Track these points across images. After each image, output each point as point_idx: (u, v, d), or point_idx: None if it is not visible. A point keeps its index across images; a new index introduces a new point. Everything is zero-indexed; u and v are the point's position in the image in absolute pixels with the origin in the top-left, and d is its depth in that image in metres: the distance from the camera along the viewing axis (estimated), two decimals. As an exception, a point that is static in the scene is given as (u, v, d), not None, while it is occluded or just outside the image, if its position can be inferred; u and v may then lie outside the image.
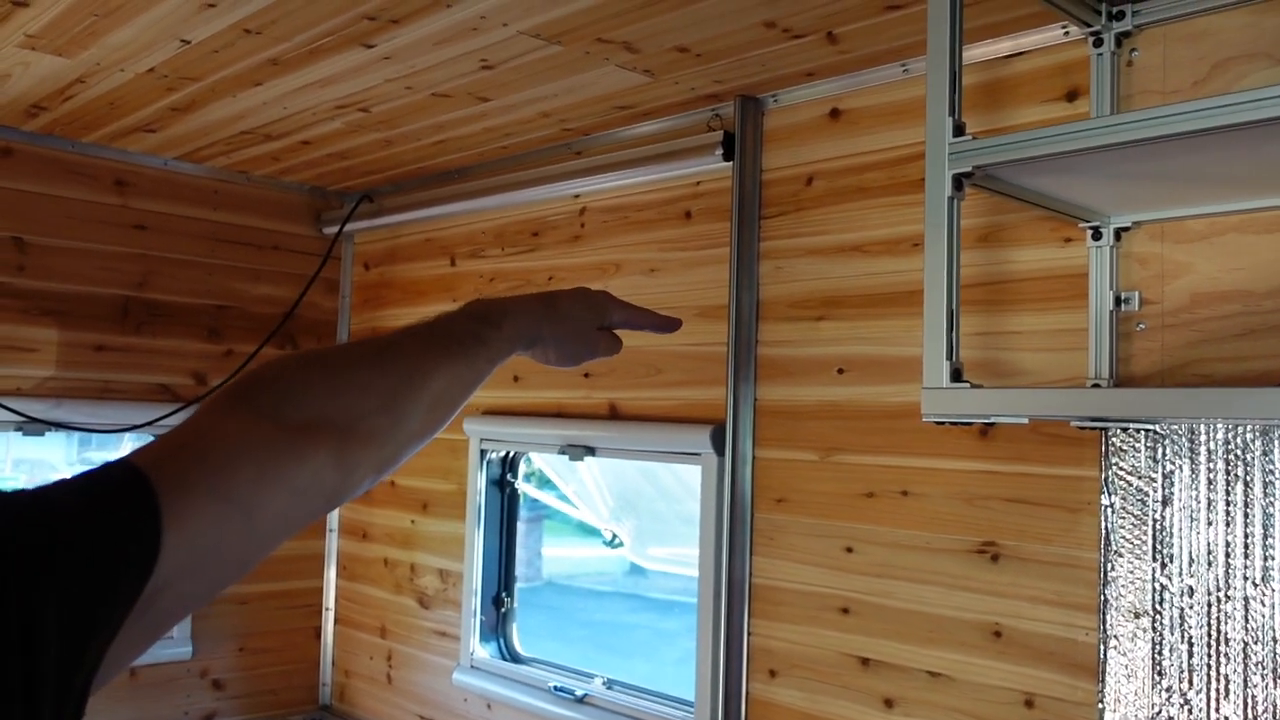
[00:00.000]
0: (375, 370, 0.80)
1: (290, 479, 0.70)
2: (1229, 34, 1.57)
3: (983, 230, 1.83)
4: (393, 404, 0.79)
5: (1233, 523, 1.56)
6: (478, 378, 0.88)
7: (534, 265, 2.73)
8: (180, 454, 0.66)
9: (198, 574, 0.63)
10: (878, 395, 1.98)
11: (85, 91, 2.36)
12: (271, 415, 0.72)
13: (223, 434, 0.69)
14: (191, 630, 3.05)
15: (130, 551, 0.58)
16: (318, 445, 0.73)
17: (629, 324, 1.04)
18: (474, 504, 2.81)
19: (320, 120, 2.48)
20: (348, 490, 0.77)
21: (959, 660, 1.83)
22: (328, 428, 0.74)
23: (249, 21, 1.88)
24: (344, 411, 0.76)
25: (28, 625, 0.52)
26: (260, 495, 0.68)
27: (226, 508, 0.65)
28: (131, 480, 0.61)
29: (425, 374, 0.83)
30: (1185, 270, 1.62)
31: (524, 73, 2.08)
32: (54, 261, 2.83)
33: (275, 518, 0.70)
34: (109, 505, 0.59)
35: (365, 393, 0.78)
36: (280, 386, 0.75)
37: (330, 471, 0.73)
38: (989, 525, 1.81)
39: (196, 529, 0.62)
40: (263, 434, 0.70)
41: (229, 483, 0.66)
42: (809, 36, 1.84)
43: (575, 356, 1.00)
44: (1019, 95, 1.81)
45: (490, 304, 0.93)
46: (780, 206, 2.16)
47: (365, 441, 0.76)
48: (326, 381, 0.78)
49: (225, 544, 0.66)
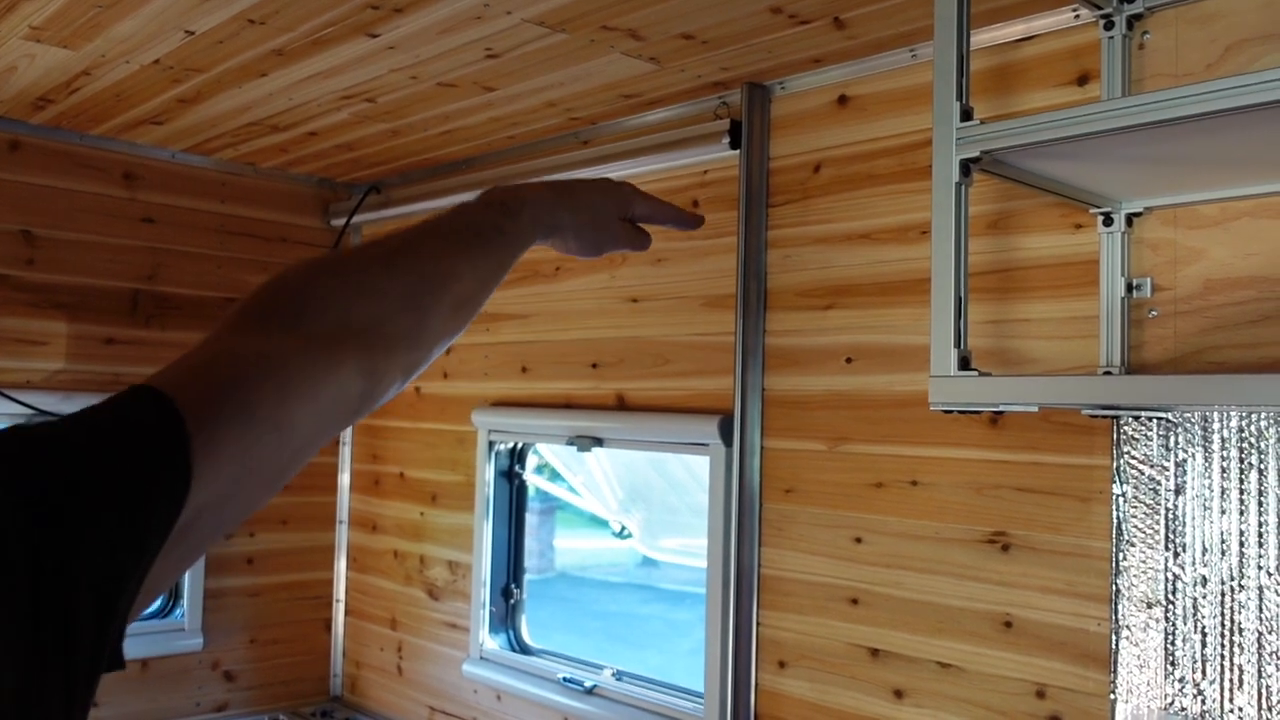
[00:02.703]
0: (393, 273, 0.77)
1: (317, 391, 0.68)
2: (1242, 15, 1.55)
3: (992, 217, 1.81)
4: (414, 306, 0.76)
5: (1246, 511, 1.54)
6: (500, 271, 0.85)
7: (541, 256, 2.71)
8: (203, 375, 0.64)
9: (232, 495, 0.62)
10: (886, 384, 1.96)
11: (91, 84, 2.35)
12: (292, 327, 0.69)
13: (244, 351, 0.67)
14: (203, 622, 3.06)
15: (162, 480, 0.56)
16: (342, 354, 0.70)
17: (652, 216, 1.00)
18: (482, 495, 2.81)
19: (326, 111, 2.48)
20: (377, 396, 0.74)
21: (969, 651, 1.82)
22: (350, 335, 0.71)
23: (252, 11, 1.87)
24: (365, 317, 0.73)
25: (61, 563, 0.50)
26: (288, 410, 0.66)
27: (256, 427, 0.63)
28: (156, 406, 0.58)
29: (446, 273, 0.79)
30: (1198, 256, 1.59)
31: (529, 61, 2.07)
32: (63, 254, 2.83)
33: (306, 430, 0.67)
34: (136, 434, 0.57)
35: (385, 297, 0.75)
36: (298, 297, 0.72)
37: (357, 379, 0.71)
38: (999, 515, 1.80)
39: (227, 451, 0.60)
40: (285, 347, 0.68)
41: (256, 401, 0.64)
42: (816, 22, 1.82)
43: (597, 246, 0.97)
44: (1029, 80, 1.79)
45: (507, 192, 0.89)
46: (788, 195, 2.14)
47: (390, 346, 0.74)
48: (344, 288, 0.75)
49: (258, 462, 0.63)
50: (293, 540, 3.27)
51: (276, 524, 3.23)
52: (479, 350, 2.90)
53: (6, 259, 2.74)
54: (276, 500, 3.20)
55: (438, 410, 3.04)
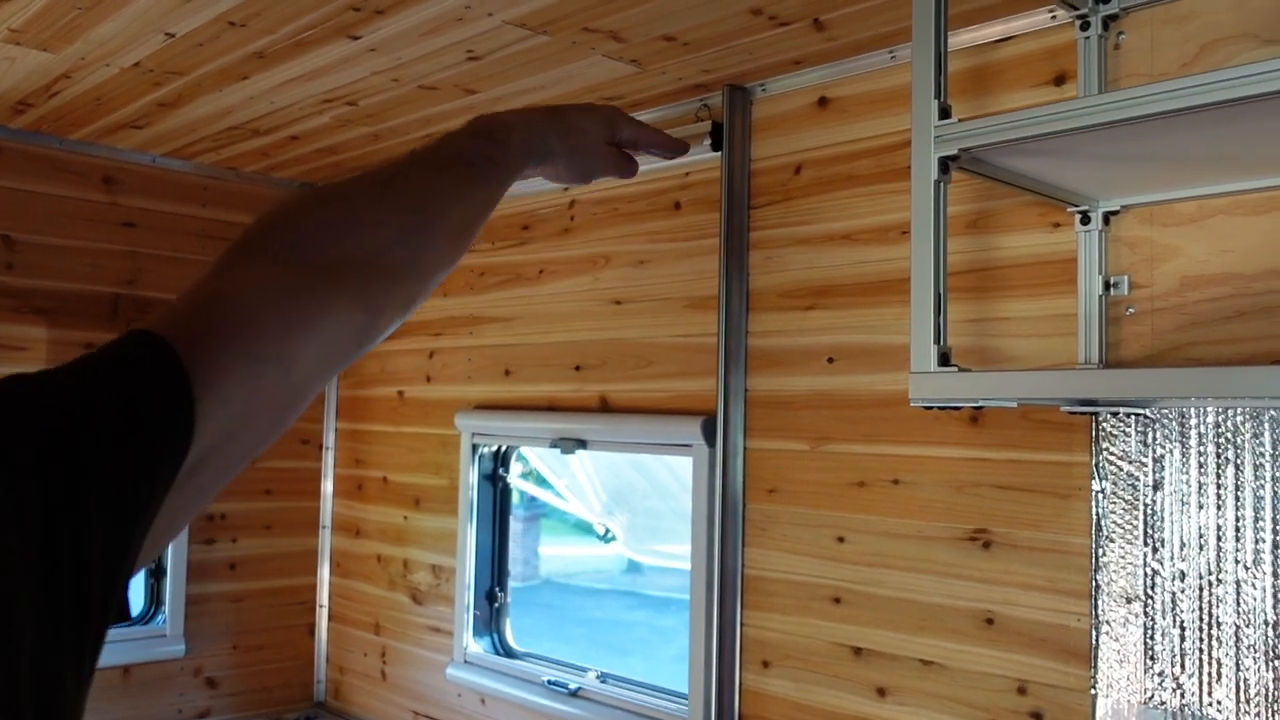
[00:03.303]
0: (386, 204, 0.76)
1: (318, 325, 0.67)
2: (1216, 15, 1.57)
3: (972, 216, 1.83)
4: (409, 237, 0.76)
5: (1224, 506, 1.55)
6: (492, 199, 0.85)
7: (524, 259, 2.73)
8: (201, 314, 0.63)
9: (238, 434, 0.61)
10: (868, 384, 1.97)
11: (71, 87, 2.34)
12: (288, 261, 0.68)
13: (241, 288, 0.66)
14: (185, 628, 3.04)
15: (166, 422, 0.55)
16: (341, 287, 0.70)
17: (638, 141, 0.99)
18: (466, 499, 2.80)
19: (308, 115, 2.47)
20: (379, 329, 0.74)
21: (951, 648, 1.83)
22: (347, 268, 0.71)
23: (233, 14, 1.87)
24: (361, 249, 0.73)
25: (69, 510, 0.50)
26: (290, 346, 0.65)
27: (258, 365, 0.62)
28: (155, 350, 0.57)
29: (439, 204, 0.79)
30: (1174, 253, 1.61)
31: (511, 64, 2.07)
32: (43, 259, 2.81)
33: (308, 365, 0.66)
34: (137, 377, 0.56)
35: (379, 228, 0.74)
36: (292, 231, 0.72)
37: (358, 313, 0.71)
38: (980, 512, 1.81)
39: (230, 389, 0.60)
40: (282, 282, 0.67)
41: (256, 338, 0.63)
42: (796, 24, 1.83)
43: (586, 172, 0.96)
44: (1007, 80, 1.81)
45: (495, 119, 0.88)
46: (769, 196, 2.15)
47: (388, 277, 0.74)
48: (340, 221, 0.74)
49: (261, 399, 0.63)
50: (276, 545, 3.26)
51: (260, 529, 3.22)
52: (462, 353, 2.89)
53: (-14, 264, 2.73)
54: (259, 505, 3.21)
55: (421, 414, 3.03)
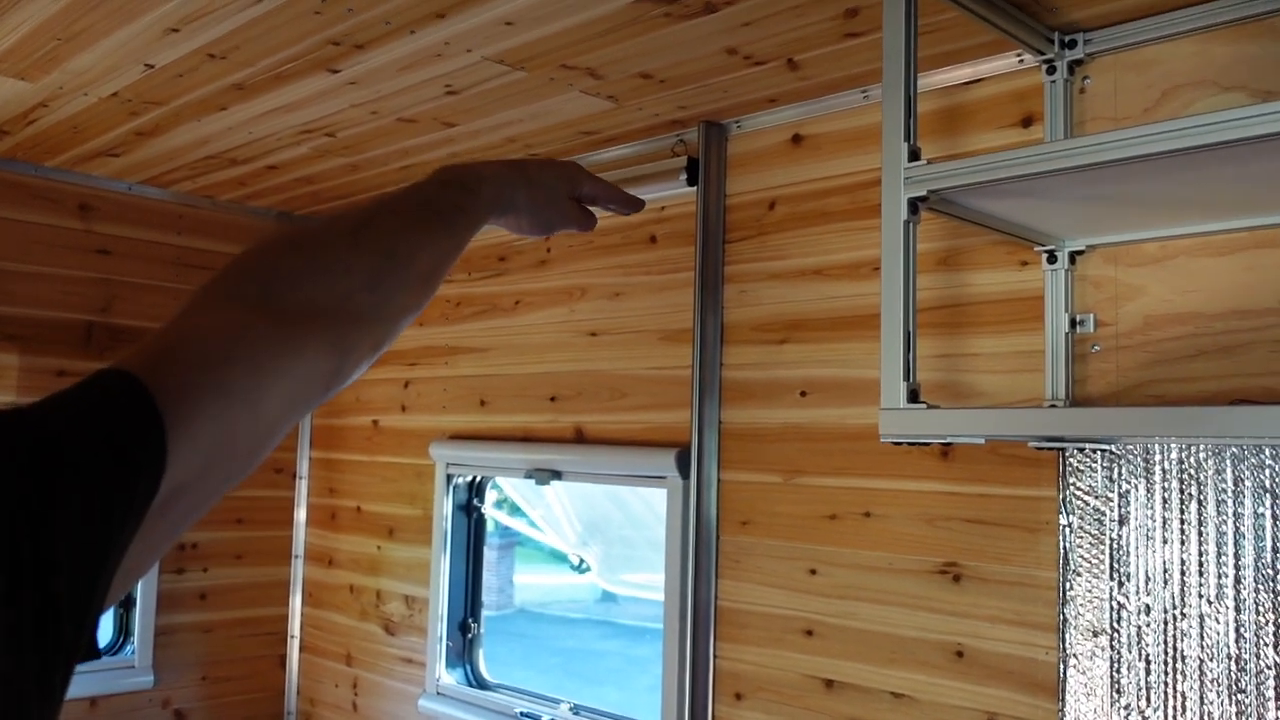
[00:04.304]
0: (357, 250, 0.78)
1: (287, 367, 0.69)
2: (1177, 62, 1.61)
3: (943, 254, 1.86)
4: (378, 282, 0.77)
5: (1187, 541, 1.58)
6: (459, 246, 0.87)
7: (500, 290, 2.74)
8: (174, 355, 0.64)
9: (208, 472, 0.62)
10: (840, 418, 1.99)
11: (48, 115, 2.35)
12: (259, 304, 0.70)
13: (212, 329, 0.67)
14: (153, 659, 3.01)
15: (137, 461, 0.56)
16: (310, 330, 0.71)
17: (598, 197, 1.03)
18: (440, 529, 2.80)
19: (286, 145, 2.48)
20: (347, 372, 0.75)
21: (922, 681, 1.84)
22: (317, 312, 0.73)
23: (213, 46, 1.88)
24: (331, 294, 0.74)
25: (37, 547, 0.50)
26: (260, 387, 0.66)
27: (227, 404, 0.63)
28: (128, 387, 0.58)
29: (409, 251, 0.81)
30: (1138, 293, 1.65)
31: (489, 98, 2.09)
32: (16, 286, 2.80)
33: (277, 406, 0.68)
34: (109, 416, 0.57)
35: (350, 273, 0.76)
36: (263, 274, 0.73)
37: (326, 355, 0.72)
38: (950, 546, 1.83)
39: (201, 429, 0.60)
40: (253, 325, 0.68)
41: (227, 379, 0.64)
42: (770, 63, 1.86)
43: (548, 224, 0.99)
44: (977, 121, 1.84)
45: (464, 170, 0.91)
46: (744, 231, 2.18)
47: (357, 322, 0.75)
48: (310, 265, 0.76)
49: (232, 439, 0.64)
50: (247, 575, 3.23)
51: (231, 559, 3.20)
52: (438, 383, 2.90)
53: (-42, 290, 2.71)
54: (231, 535, 3.18)
55: (396, 444, 3.03)
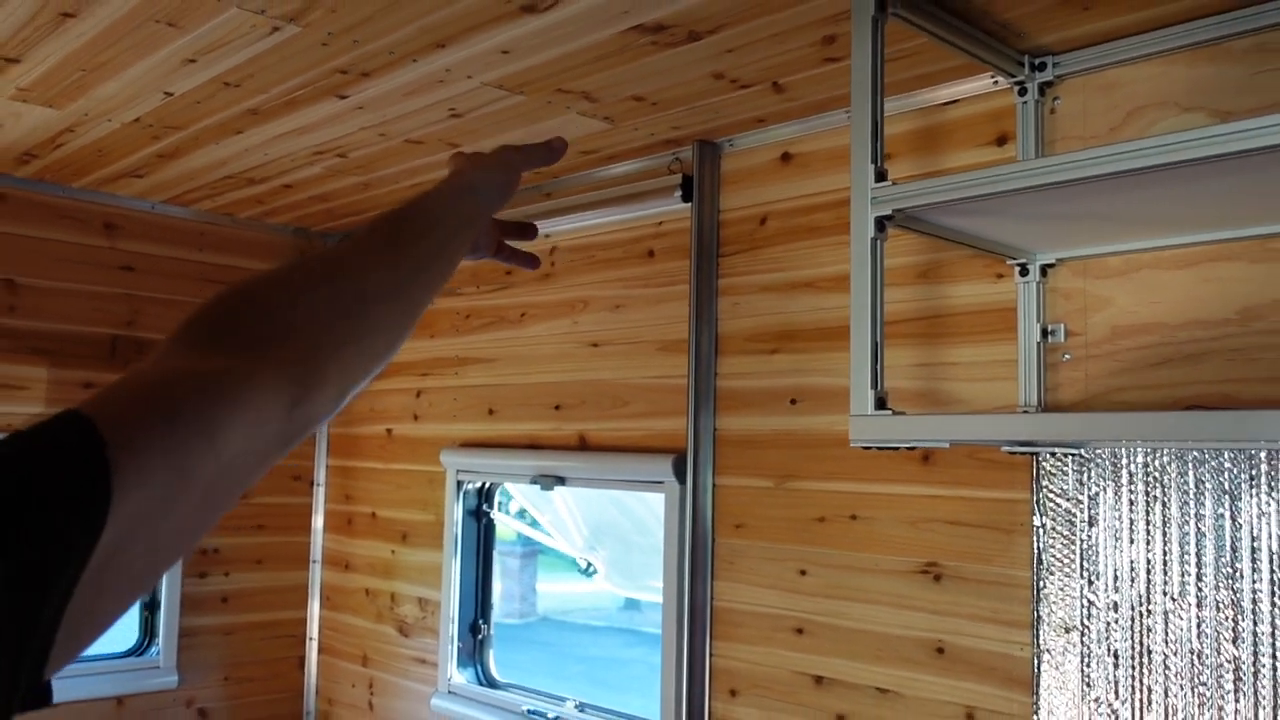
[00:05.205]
0: (313, 279, 0.79)
1: (242, 398, 0.66)
2: (1141, 84, 1.68)
3: (922, 267, 1.94)
4: (331, 311, 0.77)
5: (1152, 541, 1.65)
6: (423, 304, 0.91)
7: (506, 302, 2.84)
8: (125, 390, 0.62)
9: (166, 511, 0.59)
10: (828, 424, 2.07)
11: (74, 140, 2.47)
12: (208, 341, 0.69)
13: (158, 366, 0.66)
14: (177, 660, 3.12)
15: (76, 491, 0.53)
16: (261, 358, 0.69)
17: None
18: (451, 534, 2.89)
19: (300, 165, 2.59)
20: (307, 413, 0.71)
21: (906, 677, 1.92)
22: (266, 340, 0.71)
23: (228, 75, 1.99)
24: (277, 325, 0.73)
25: None
26: (213, 418, 0.63)
27: (177, 432, 0.60)
28: (73, 425, 0.56)
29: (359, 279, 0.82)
30: (1106, 304, 1.72)
31: (491, 120, 2.19)
32: (44, 302, 2.93)
33: (238, 440, 0.65)
34: (53, 456, 0.54)
35: (294, 306, 0.75)
36: (212, 316, 0.72)
37: (284, 385, 0.69)
38: (932, 547, 1.90)
39: (154, 462, 0.58)
40: (203, 358, 0.67)
41: (179, 407, 0.62)
42: (756, 86, 1.95)
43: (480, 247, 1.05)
44: (954, 140, 1.92)
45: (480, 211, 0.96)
46: (737, 245, 2.27)
47: (311, 349, 0.73)
48: (280, 308, 0.74)
49: (189, 474, 0.61)
50: (267, 579, 3.35)
51: (251, 564, 3.31)
52: (448, 393, 3.00)
53: (-10, 306, 2.84)
54: (251, 540, 3.30)
55: (409, 451, 3.13)
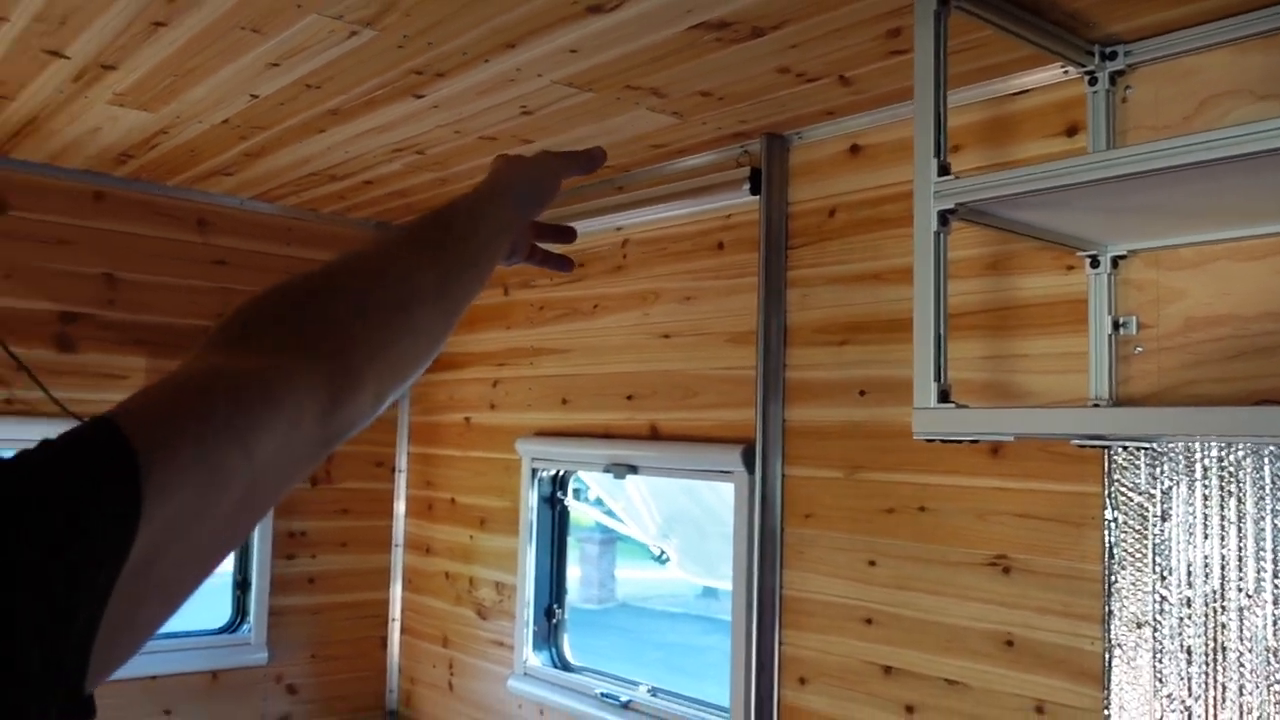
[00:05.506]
0: (353, 277, 0.78)
1: (276, 397, 0.64)
2: (1214, 72, 1.65)
3: (990, 259, 1.93)
4: (364, 309, 0.75)
5: (1227, 537, 1.63)
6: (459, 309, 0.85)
7: (580, 294, 2.88)
8: (150, 393, 0.60)
9: (200, 516, 0.58)
10: (896, 416, 2.08)
11: (167, 141, 2.58)
12: (240, 342, 0.67)
13: (191, 369, 0.64)
14: (268, 637, 3.25)
15: (107, 506, 0.52)
16: (295, 359, 0.67)
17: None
18: (526, 520, 2.96)
19: (380, 162, 2.67)
20: (350, 408, 0.69)
21: (974, 668, 1.92)
22: (299, 342, 0.69)
23: (310, 78, 2.06)
24: (312, 325, 0.71)
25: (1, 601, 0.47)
26: (246, 416, 0.62)
27: (211, 433, 0.59)
28: (107, 436, 0.55)
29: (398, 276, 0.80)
30: (1179, 296, 1.69)
31: (561, 117, 2.23)
32: (142, 295, 3.07)
33: (271, 444, 0.62)
34: (82, 465, 0.53)
35: (335, 300, 0.74)
36: (246, 316, 0.70)
37: (319, 387, 0.67)
38: (1001, 539, 1.90)
39: (187, 466, 0.56)
40: (234, 358, 0.65)
41: (207, 406, 0.60)
42: (822, 80, 1.96)
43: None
44: (1024, 130, 1.91)
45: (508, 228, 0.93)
46: (805, 237, 2.28)
47: (346, 349, 0.71)
48: (319, 308, 0.73)
49: (224, 477, 0.59)
50: (351, 562, 3.47)
51: (336, 546, 3.43)
52: (523, 383, 3.06)
53: (91, 299, 2.99)
54: (336, 524, 3.42)
55: (486, 439, 3.21)
